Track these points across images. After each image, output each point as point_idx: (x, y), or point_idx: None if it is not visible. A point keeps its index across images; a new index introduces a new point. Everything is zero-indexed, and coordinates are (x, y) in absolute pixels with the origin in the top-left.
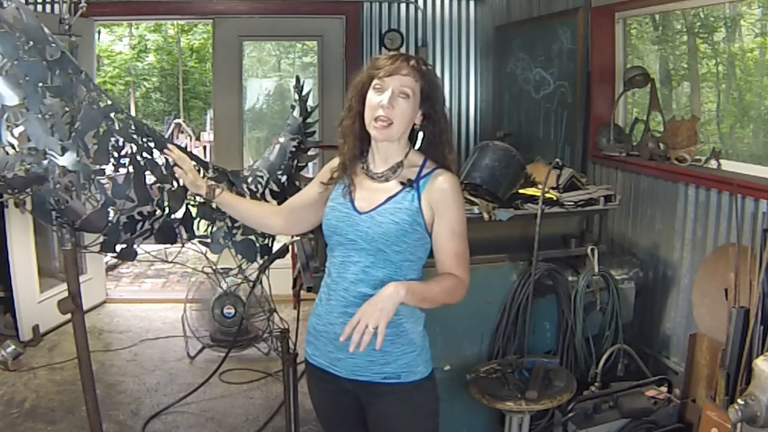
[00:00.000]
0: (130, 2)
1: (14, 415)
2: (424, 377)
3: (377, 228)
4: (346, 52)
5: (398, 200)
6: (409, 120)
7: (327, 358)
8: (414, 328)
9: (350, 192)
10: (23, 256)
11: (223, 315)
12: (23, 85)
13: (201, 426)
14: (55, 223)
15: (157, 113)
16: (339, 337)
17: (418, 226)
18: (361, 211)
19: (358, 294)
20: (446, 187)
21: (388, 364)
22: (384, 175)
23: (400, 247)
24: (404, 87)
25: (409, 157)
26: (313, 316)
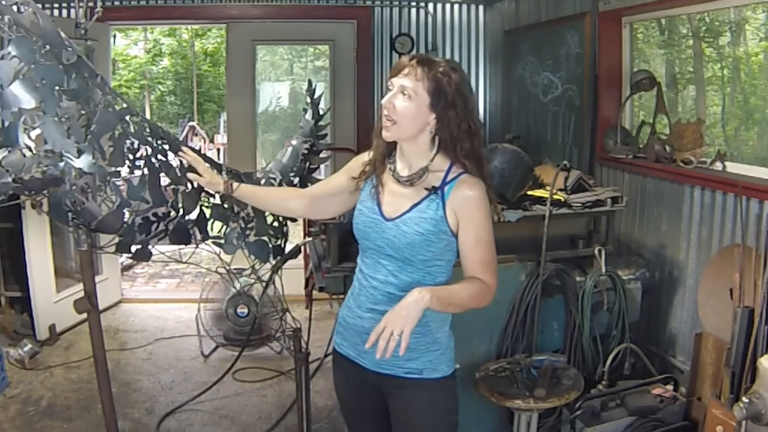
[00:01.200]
0: (145, 7)
1: (31, 413)
2: (445, 375)
3: (402, 238)
4: (357, 56)
5: (423, 208)
6: (417, 120)
7: (354, 349)
8: (440, 328)
9: (378, 194)
10: (40, 256)
11: (237, 314)
12: (40, 89)
13: (215, 424)
14: (71, 224)
15: (172, 116)
16: (366, 331)
17: (444, 234)
18: (387, 217)
19: (386, 293)
20: (470, 194)
21: (412, 359)
22: (409, 180)
23: (426, 255)
24: (404, 86)
25: (434, 162)
26: (344, 308)
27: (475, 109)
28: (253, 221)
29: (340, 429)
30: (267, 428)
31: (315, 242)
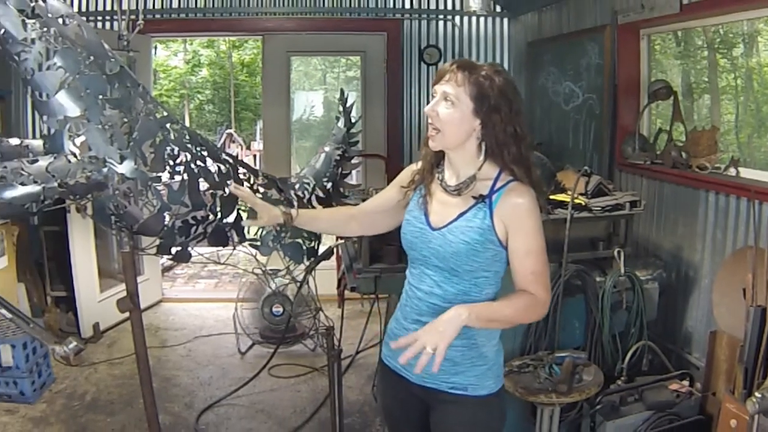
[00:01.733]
0: (184, 20)
1: (76, 407)
2: (491, 393)
3: (448, 247)
4: (387, 67)
5: (469, 217)
6: (461, 128)
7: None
8: (486, 342)
9: (426, 204)
10: (84, 258)
11: (272, 313)
12: (84, 98)
13: (251, 418)
14: (114, 227)
15: (210, 124)
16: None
17: (491, 243)
18: (434, 226)
19: (430, 305)
20: (519, 202)
21: (456, 374)
22: (457, 189)
23: (472, 266)
24: (446, 92)
25: (483, 170)
26: (392, 319)
27: (522, 112)
28: None
29: (370, 423)
30: (301, 422)
31: (347, 244)
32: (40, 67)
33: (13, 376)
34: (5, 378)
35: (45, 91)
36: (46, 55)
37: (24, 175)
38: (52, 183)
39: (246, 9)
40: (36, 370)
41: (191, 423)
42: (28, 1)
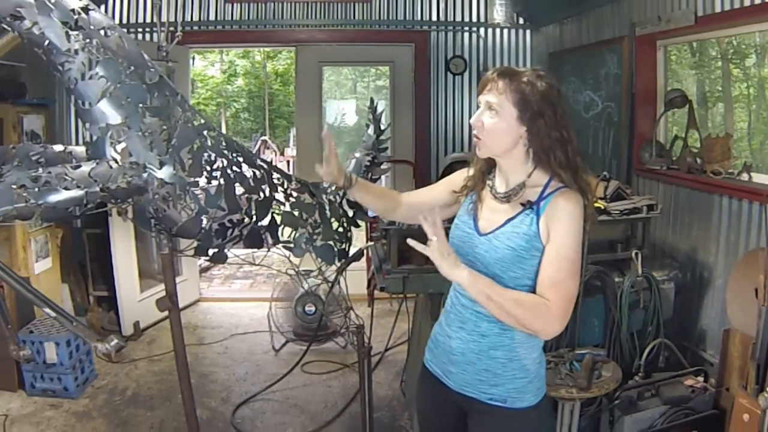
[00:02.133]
0: (221, 31)
1: (117, 402)
2: (531, 405)
3: (493, 253)
4: (415, 76)
5: (516, 223)
6: (507, 136)
7: (441, 367)
8: (528, 355)
9: (475, 210)
10: (125, 259)
11: (305, 312)
12: (125, 106)
13: (285, 412)
14: (153, 229)
15: (246, 131)
16: (453, 351)
17: (536, 251)
18: (481, 232)
19: (474, 312)
20: (563, 206)
21: (496, 386)
22: (507, 196)
23: (517, 272)
24: (489, 102)
25: (532, 177)
26: (436, 325)
27: (567, 116)
28: (320, 227)
29: (399, 417)
30: (332, 416)
31: (376, 246)
32: (83, 77)
33: (57, 373)
34: (50, 374)
35: (88, 100)
36: (88, 66)
37: (68, 180)
38: (94, 188)
39: (280, 21)
40: (79, 367)
41: (228, 417)
42: (71, 14)
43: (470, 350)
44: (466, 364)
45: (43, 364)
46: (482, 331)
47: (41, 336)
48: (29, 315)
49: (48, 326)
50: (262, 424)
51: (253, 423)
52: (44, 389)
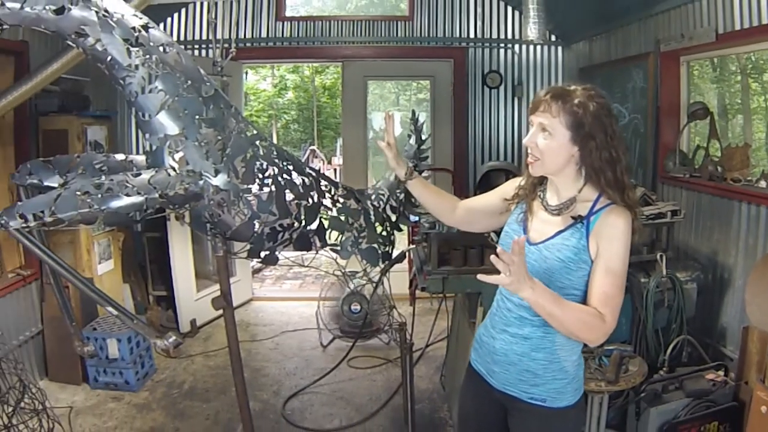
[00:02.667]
0: (272, 48)
1: (175, 394)
2: (569, 405)
3: (542, 263)
4: (453, 90)
5: (566, 236)
6: (560, 155)
7: (485, 366)
8: (568, 357)
9: (526, 220)
10: (183, 261)
11: (351, 311)
12: (182, 118)
13: (332, 404)
14: (209, 233)
15: (295, 141)
16: (496, 352)
17: (584, 263)
18: (532, 242)
19: (519, 316)
20: (613, 222)
21: (536, 386)
22: (557, 209)
23: (564, 282)
24: (542, 124)
25: (583, 192)
26: (481, 326)
27: (618, 135)
28: (365, 231)
29: (438, 409)
30: (377, 408)
31: (418, 249)
32: (143, 91)
33: (119, 367)
34: (112, 368)
35: (147, 112)
36: (148, 80)
37: (129, 187)
38: (153, 194)
39: (327, 38)
40: (139, 362)
41: (278, 409)
42: (132, 32)
43: (513, 351)
44: (509, 365)
45: (106, 359)
46: (525, 334)
47: (104, 333)
48: (93, 313)
49: (110, 324)
50: (311, 415)
51: (302, 414)
52: (107, 383)
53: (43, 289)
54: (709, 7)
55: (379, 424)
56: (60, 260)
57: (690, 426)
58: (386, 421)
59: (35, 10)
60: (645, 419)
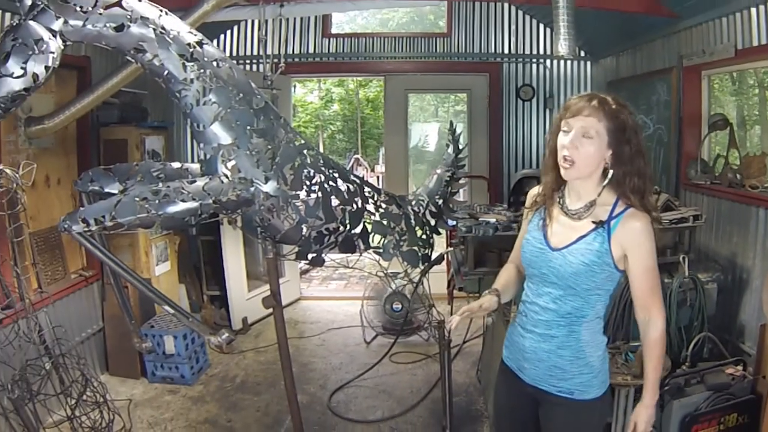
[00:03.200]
0: (319, 63)
1: (228, 388)
2: (596, 397)
3: (568, 267)
4: (489, 102)
5: (589, 240)
6: (596, 159)
7: (516, 363)
8: (593, 353)
9: (545, 225)
10: (235, 263)
11: (392, 309)
12: (235, 128)
13: (375, 397)
14: (259, 237)
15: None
16: (525, 350)
17: (607, 265)
18: (554, 247)
19: (545, 318)
20: (637, 226)
21: (564, 380)
22: (578, 213)
23: (589, 284)
24: (586, 128)
25: (602, 196)
26: (511, 325)
27: (644, 144)
28: (406, 234)
29: (475, 401)
30: (417, 400)
31: (455, 251)
32: (198, 103)
33: (175, 362)
34: (169, 363)
35: (202, 123)
36: (202, 93)
37: (184, 193)
38: (207, 200)
39: (371, 53)
40: (194, 357)
41: (325, 401)
42: (187, 47)
43: (541, 349)
44: (538, 361)
45: (163, 354)
46: (552, 333)
47: (161, 330)
48: (151, 312)
49: (167, 322)
50: (355, 407)
51: (347, 406)
52: (163, 377)
53: (104, 289)
54: (729, 24)
55: (419, 416)
56: (120, 262)
57: (710, 418)
58: (426, 413)
59: (97, 28)
60: (668, 411)
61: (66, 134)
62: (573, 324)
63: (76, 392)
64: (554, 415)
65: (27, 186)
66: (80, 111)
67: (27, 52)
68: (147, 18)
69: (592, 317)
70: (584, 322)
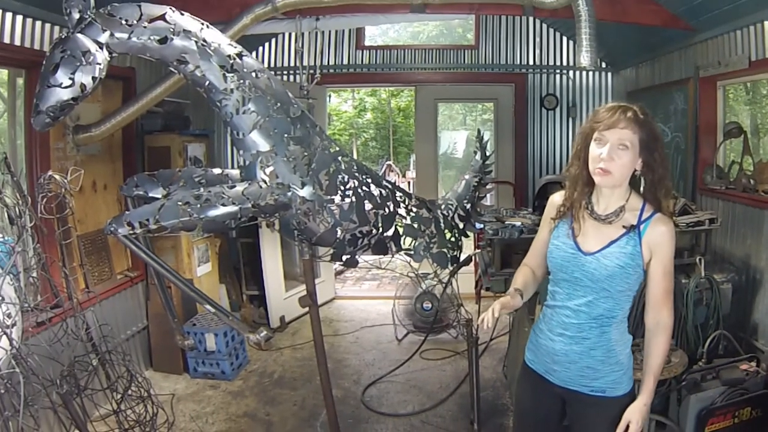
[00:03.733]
0: (353, 74)
1: (266, 383)
2: (626, 393)
3: (603, 270)
4: (515, 111)
5: (621, 244)
6: (630, 168)
7: (543, 366)
8: (622, 351)
9: (573, 231)
10: (272, 264)
11: (423, 308)
12: (273, 136)
13: (406, 392)
14: (296, 239)
15: (373, 157)
16: (556, 353)
17: (638, 267)
18: (586, 252)
19: (576, 321)
20: (664, 230)
21: (597, 379)
22: (608, 218)
23: (623, 286)
24: (623, 140)
25: (630, 201)
26: (535, 328)
27: (665, 152)
28: (436, 237)
29: (501, 396)
30: (446, 395)
31: (483, 253)
32: (238, 112)
33: (216, 359)
34: (210, 360)
35: (241, 131)
36: (242, 102)
37: (225, 197)
38: (247, 204)
39: (402, 65)
40: (234, 354)
41: (358, 396)
42: (228, 59)
43: (573, 351)
44: (569, 363)
45: (204, 351)
46: (583, 335)
47: (202, 328)
48: (192, 311)
49: (208, 320)
50: (387, 401)
51: (379, 401)
52: (205, 373)
53: (148, 289)
54: (743, 37)
55: (448, 410)
56: (163, 263)
57: (725, 411)
58: (455, 407)
59: (141, 40)
60: (685, 405)
61: (112, 142)
62: (604, 325)
63: (122, 387)
64: (587, 415)
65: (75, 191)
66: (125, 119)
67: (75, 64)
68: (189, 31)
69: (621, 318)
70: (614, 323)
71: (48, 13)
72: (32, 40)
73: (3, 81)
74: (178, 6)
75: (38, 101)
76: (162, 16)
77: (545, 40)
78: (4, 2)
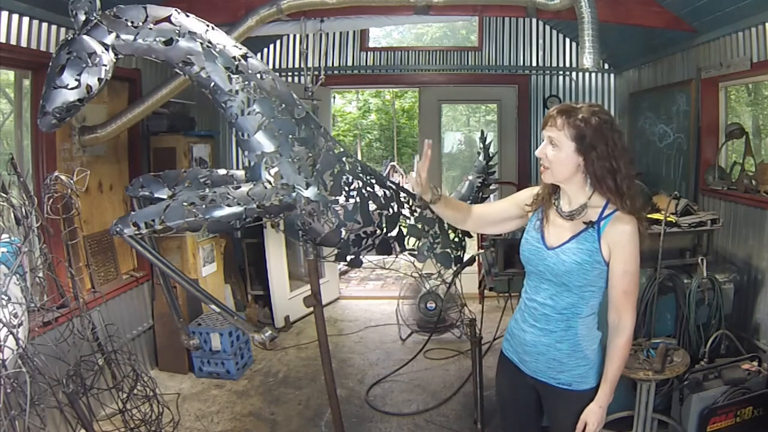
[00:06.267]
0: (357, 75)
1: (271, 382)
2: (592, 387)
3: (561, 265)
4: (518, 112)
5: (581, 240)
6: (567, 165)
7: (516, 355)
8: (589, 346)
9: (542, 226)
10: (277, 264)
11: (427, 308)
12: (277, 137)
13: (410, 391)
14: (301, 239)
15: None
16: (526, 344)
17: (598, 263)
18: (549, 246)
19: (543, 314)
20: (625, 229)
21: (563, 372)
22: (570, 215)
23: (581, 281)
24: (551, 137)
25: (592, 199)
26: (512, 319)
27: (620, 147)
28: (439, 237)
29: None
30: (450, 394)
31: (486, 253)
32: (243, 113)
33: (221, 358)
34: (215, 359)
35: (246, 132)
36: (247, 103)
37: (230, 198)
38: (252, 205)
39: (406, 66)
40: (239, 354)
41: (362, 395)
42: (233, 60)
43: (541, 343)
44: (538, 354)
45: (209, 351)
46: (550, 327)
47: (208, 328)
48: (198, 310)
49: (213, 320)
50: (391, 400)
51: (383, 400)
52: (210, 372)
53: (153, 289)
54: (745, 39)
55: (452, 409)
56: (169, 263)
57: (727, 410)
58: (458, 406)
59: (147, 42)
60: (688, 404)
61: (118, 142)
62: (569, 320)
63: (128, 386)
64: (556, 405)
65: (81, 191)
66: (131, 120)
67: (81, 65)
68: (194, 33)
69: (587, 313)
70: (580, 318)
71: (54, 14)
72: (38, 42)
73: (10, 82)
74: (184, 8)
75: (44, 102)
76: (167, 18)
77: (548, 41)
78: (11, 4)
